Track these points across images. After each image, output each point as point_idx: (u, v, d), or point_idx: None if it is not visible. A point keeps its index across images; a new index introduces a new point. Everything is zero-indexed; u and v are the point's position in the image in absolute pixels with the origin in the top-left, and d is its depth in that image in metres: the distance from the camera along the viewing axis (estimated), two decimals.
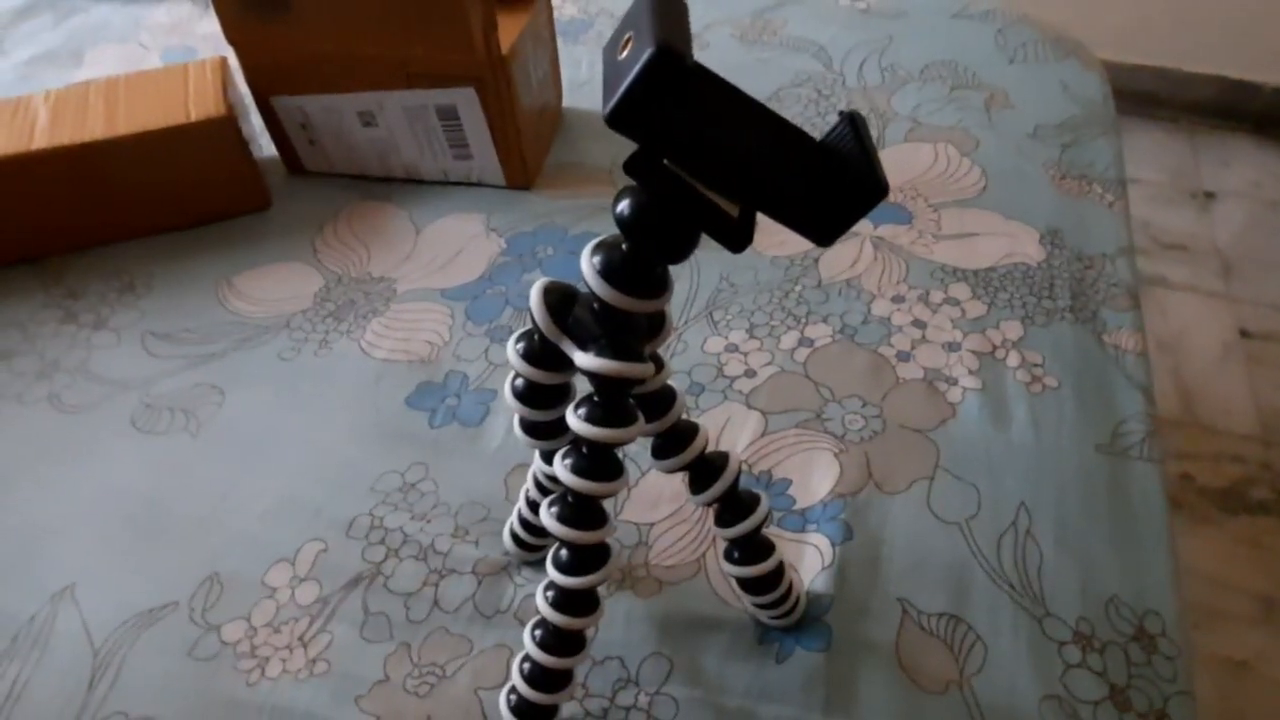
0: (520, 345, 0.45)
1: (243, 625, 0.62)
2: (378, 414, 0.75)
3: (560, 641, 0.50)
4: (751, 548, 0.54)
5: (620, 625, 0.61)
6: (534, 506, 0.59)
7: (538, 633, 0.50)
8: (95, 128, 0.86)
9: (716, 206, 0.36)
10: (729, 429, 0.72)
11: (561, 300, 0.43)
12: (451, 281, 0.87)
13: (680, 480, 0.65)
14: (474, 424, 0.74)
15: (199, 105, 0.88)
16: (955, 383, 0.75)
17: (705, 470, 0.51)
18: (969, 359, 0.76)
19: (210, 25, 1.19)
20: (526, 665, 0.51)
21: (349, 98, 0.91)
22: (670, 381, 0.50)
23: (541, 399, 0.47)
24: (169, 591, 0.64)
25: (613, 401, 0.43)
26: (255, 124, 0.98)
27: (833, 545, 0.64)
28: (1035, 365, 0.75)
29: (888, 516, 0.66)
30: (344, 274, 0.88)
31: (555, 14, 1.02)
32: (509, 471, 0.70)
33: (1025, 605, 0.61)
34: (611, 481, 0.44)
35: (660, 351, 0.48)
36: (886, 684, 0.57)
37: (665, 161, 0.35)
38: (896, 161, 0.96)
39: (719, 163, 0.35)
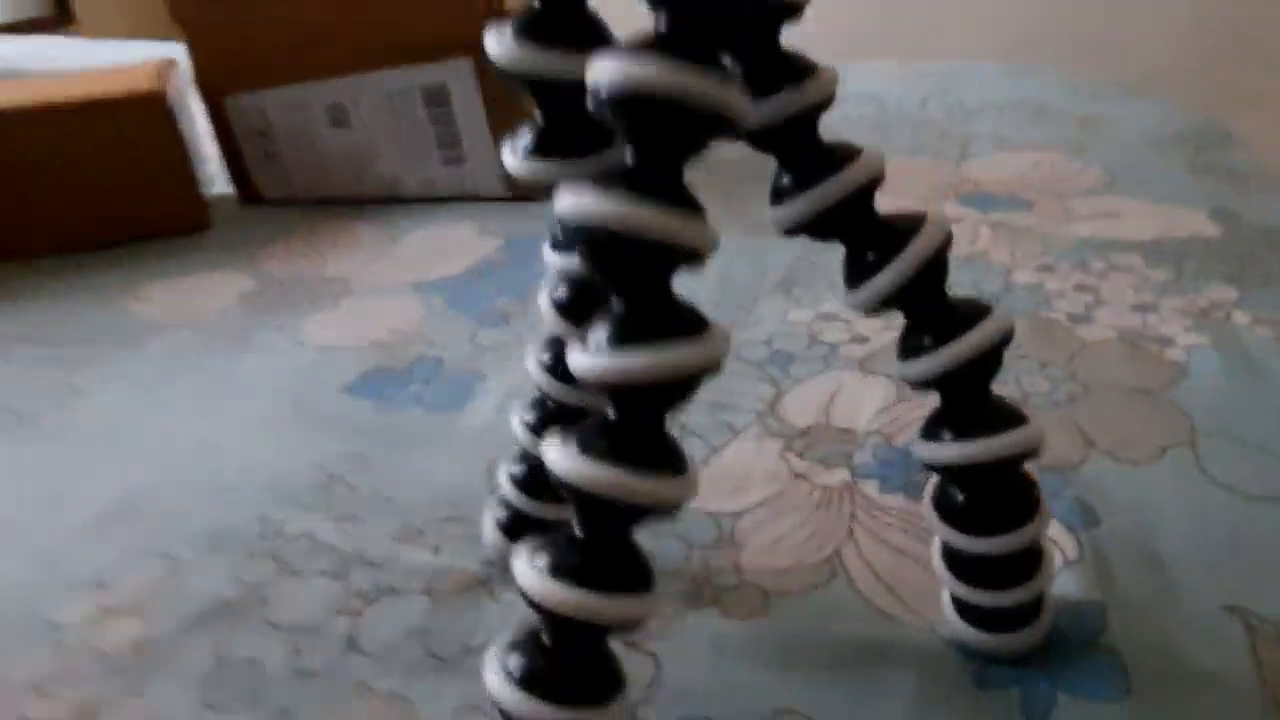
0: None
1: None
2: (300, 403, 0.50)
3: (569, 647, 0.23)
4: (998, 489, 0.27)
5: (704, 662, 0.32)
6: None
7: (515, 657, 0.23)
8: None
9: None
10: (842, 398, 0.46)
11: None
12: (429, 276, 0.64)
13: (779, 455, 0.40)
14: (445, 409, 0.48)
15: (128, 84, 0.71)
16: (1170, 342, 0.50)
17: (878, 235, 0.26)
18: (1178, 318, 0.52)
19: None
20: (523, 652, 0.23)
21: (317, 88, 0.74)
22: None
23: None
24: None
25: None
26: (209, 155, 0.81)
27: (1074, 533, 0.36)
28: (1276, 322, 0.51)
29: (1147, 494, 0.38)
30: (287, 277, 0.66)
31: None
32: (496, 460, 0.43)
33: None
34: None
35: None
36: None
37: None
38: (987, 170, 0.78)
39: None
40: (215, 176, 0.82)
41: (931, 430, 0.27)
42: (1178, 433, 0.42)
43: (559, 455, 0.22)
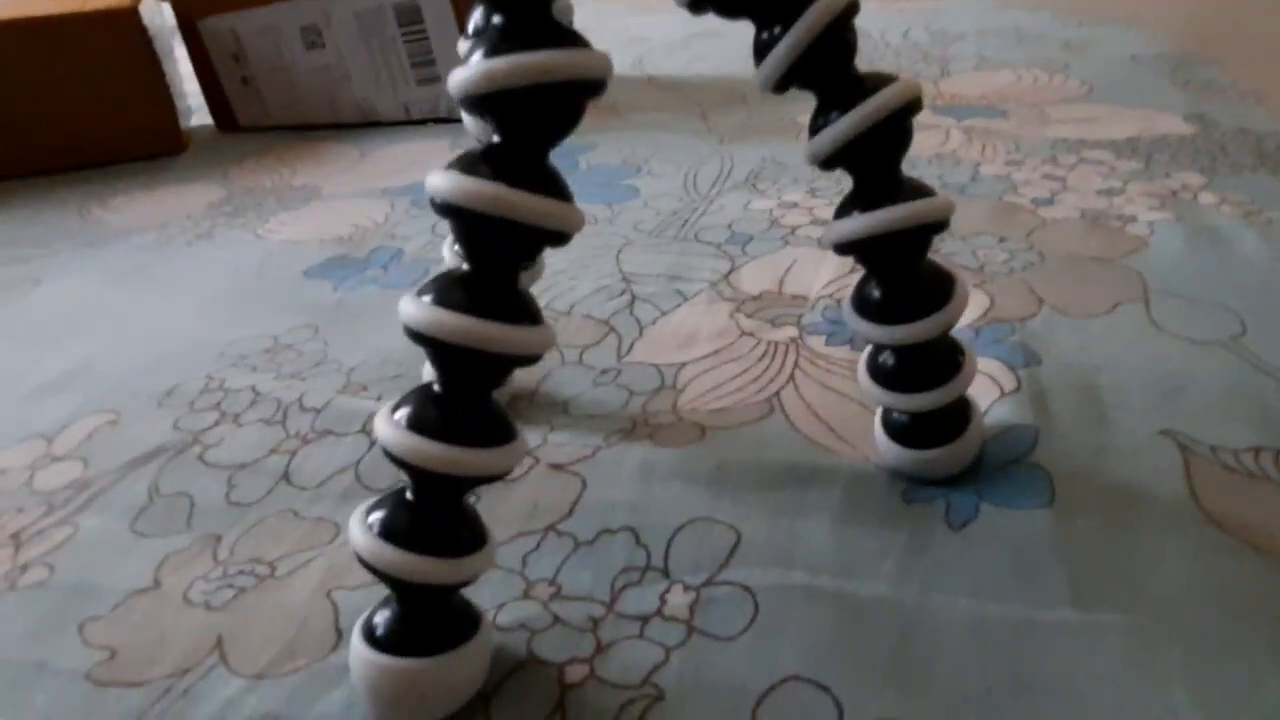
0: None
1: None
2: (258, 287, 0.50)
3: (429, 500, 0.23)
4: (911, 274, 0.27)
5: (631, 482, 0.32)
6: None
7: (378, 512, 0.23)
8: None
9: None
10: (796, 270, 0.46)
11: None
12: (396, 183, 0.64)
13: (729, 316, 0.40)
14: (400, 287, 0.48)
15: (101, 1, 0.71)
16: (1133, 219, 0.49)
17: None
18: (1143, 199, 0.52)
19: None
20: (384, 507, 0.23)
21: (290, 8, 0.74)
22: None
23: None
24: None
25: None
26: (190, 91, 0.81)
27: (1013, 370, 0.36)
28: (1243, 203, 0.51)
29: (1094, 340, 0.38)
30: (255, 186, 0.66)
31: None
32: None
33: None
34: None
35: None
36: (1200, 551, 0.27)
37: None
38: (965, 86, 0.77)
39: None
40: (196, 110, 0.82)
41: (841, 211, 0.27)
42: (1131, 292, 0.42)
43: (415, 308, 0.22)
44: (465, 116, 0.31)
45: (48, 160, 0.72)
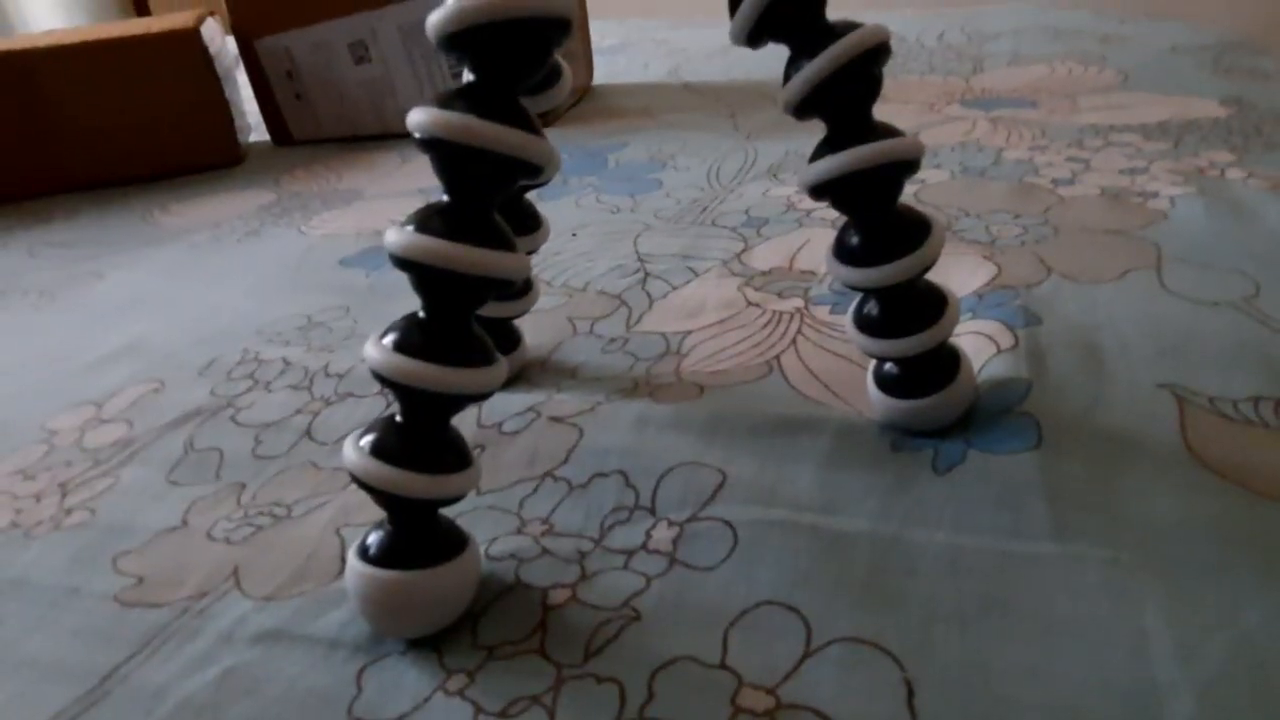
0: None
1: None
2: (298, 274, 0.53)
3: (415, 420, 0.25)
4: (887, 216, 0.28)
5: (626, 432, 0.33)
6: None
7: (370, 434, 0.25)
8: (37, 42, 0.74)
9: None
10: (808, 249, 0.47)
11: None
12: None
13: (738, 289, 0.41)
14: None
15: (164, 25, 0.76)
16: (1155, 195, 0.49)
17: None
18: (1167, 176, 0.51)
19: None
20: (375, 429, 0.25)
21: (339, 25, 0.79)
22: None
23: None
24: None
25: None
26: (249, 110, 0.86)
27: (1011, 329, 0.36)
28: (1272, 177, 0.50)
29: (1099, 303, 0.38)
30: (303, 190, 0.70)
31: None
32: None
33: None
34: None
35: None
36: (1188, 490, 0.27)
37: None
38: (997, 80, 0.77)
39: None
40: (255, 128, 0.87)
41: (814, 156, 0.28)
42: (1144, 260, 0.41)
43: (398, 235, 0.24)
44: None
45: (115, 172, 0.77)
